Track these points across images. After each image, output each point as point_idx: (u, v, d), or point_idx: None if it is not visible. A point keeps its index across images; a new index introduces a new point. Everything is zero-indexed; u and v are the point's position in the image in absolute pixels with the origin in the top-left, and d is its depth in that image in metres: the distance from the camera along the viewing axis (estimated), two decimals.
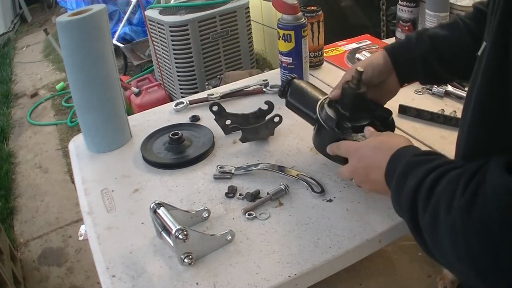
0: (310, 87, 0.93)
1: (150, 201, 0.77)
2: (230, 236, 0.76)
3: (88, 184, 0.96)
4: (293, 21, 1.12)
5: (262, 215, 0.81)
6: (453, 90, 1.12)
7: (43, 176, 2.69)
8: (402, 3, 1.41)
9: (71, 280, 1.93)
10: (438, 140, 0.97)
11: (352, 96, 0.82)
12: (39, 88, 3.84)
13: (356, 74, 0.80)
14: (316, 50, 1.30)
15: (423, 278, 1.51)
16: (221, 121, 1.04)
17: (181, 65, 2.61)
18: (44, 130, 3.21)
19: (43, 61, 4.44)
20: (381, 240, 0.77)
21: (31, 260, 2.07)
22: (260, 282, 0.69)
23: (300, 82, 0.94)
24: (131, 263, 0.75)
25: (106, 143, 1.05)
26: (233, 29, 2.66)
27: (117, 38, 3.70)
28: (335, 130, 0.81)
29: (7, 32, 5.22)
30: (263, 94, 1.23)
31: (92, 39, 0.96)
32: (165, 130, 1.08)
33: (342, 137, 0.80)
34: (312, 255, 0.73)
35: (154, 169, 0.98)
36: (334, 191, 0.86)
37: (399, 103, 1.08)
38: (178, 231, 0.70)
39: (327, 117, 0.83)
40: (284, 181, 0.88)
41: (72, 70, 0.99)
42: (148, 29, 2.76)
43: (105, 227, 0.83)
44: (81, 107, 1.03)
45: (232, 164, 0.95)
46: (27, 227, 2.29)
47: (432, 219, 0.52)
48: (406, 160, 0.61)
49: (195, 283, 0.70)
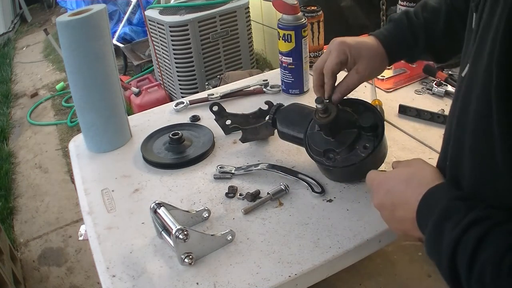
0: (295, 113, 0.93)
1: (150, 201, 0.77)
2: (230, 236, 0.76)
3: (88, 184, 0.96)
4: (293, 21, 1.12)
5: (262, 215, 0.81)
6: (453, 90, 1.12)
7: (43, 176, 2.69)
8: (402, 3, 1.41)
9: (71, 280, 1.93)
10: (438, 140, 0.96)
11: (325, 125, 0.81)
12: (39, 88, 3.84)
13: (319, 105, 0.79)
14: (316, 50, 1.30)
15: (423, 278, 1.51)
16: (221, 121, 1.04)
17: (181, 65, 2.61)
18: (44, 130, 3.21)
19: (43, 61, 4.44)
20: (381, 240, 0.77)
21: (31, 260, 2.07)
22: (260, 282, 0.69)
23: (286, 110, 0.95)
24: (131, 263, 0.75)
25: (106, 143, 1.05)
26: (233, 29, 2.66)
27: (117, 38, 3.70)
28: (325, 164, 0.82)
29: (7, 32, 5.22)
30: (263, 94, 1.23)
31: (92, 39, 0.96)
32: (165, 130, 1.08)
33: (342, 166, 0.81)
34: (312, 255, 0.73)
35: (154, 169, 0.98)
36: (334, 191, 0.86)
37: (399, 103, 1.08)
38: (178, 231, 0.70)
39: (316, 152, 0.84)
40: (284, 181, 0.88)
41: (72, 70, 0.99)
42: (148, 29, 2.76)
43: (105, 227, 0.83)
44: (81, 107, 1.03)
45: (232, 164, 0.95)
46: (27, 227, 2.29)
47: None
48: (444, 204, 0.55)
49: (195, 283, 0.70)
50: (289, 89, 1.20)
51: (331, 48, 0.83)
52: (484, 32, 0.50)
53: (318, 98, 0.78)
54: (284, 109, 0.95)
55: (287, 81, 1.19)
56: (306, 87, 1.20)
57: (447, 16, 0.83)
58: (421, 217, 0.59)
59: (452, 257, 0.51)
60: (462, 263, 0.50)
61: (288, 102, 0.98)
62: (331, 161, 0.82)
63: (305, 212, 0.81)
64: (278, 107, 0.95)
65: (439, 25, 0.84)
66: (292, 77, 1.17)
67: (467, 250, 0.50)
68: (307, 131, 0.87)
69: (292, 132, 0.91)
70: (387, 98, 1.14)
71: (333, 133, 0.82)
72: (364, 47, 0.83)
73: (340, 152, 0.81)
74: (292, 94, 1.20)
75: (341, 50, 0.82)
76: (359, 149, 0.80)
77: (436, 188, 0.59)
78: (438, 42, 0.85)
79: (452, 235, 0.52)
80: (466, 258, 0.50)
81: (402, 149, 0.95)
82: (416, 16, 0.85)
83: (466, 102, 0.54)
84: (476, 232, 0.50)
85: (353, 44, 0.83)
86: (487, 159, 0.51)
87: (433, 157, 0.92)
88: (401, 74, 1.24)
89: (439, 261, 0.55)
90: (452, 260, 0.51)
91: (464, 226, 0.51)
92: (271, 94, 1.22)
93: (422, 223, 0.59)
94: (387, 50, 0.85)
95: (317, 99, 0.78)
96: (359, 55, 0.83)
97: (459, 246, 0.51)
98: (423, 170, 0.65)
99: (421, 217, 0.59)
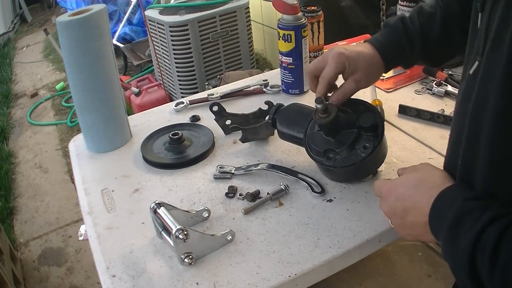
0: (295, 113, 0.93)
1: (150, 201, 0.77)
2: (230, 236, 0.76)
3: (88, 184, 0.96)
4: (293, 21, 1.12)
5: (262, 215, 0.81)
6: (453, 90, 1.12)
7: (43, 176, 2.69)
8: (402, 3, 1.41)
9: (71, 280, 1.93)
10: (438, 140, 0.97)
11: (325, 125, 0.81)
12: (39, 88, 3.84)
13: (319, 106, 0.79)
14: (316, 50, 1.30)
15: (423, 278, 1.52)
16: (221, 121, 1.04)
17: (181, 65, 2.61)
18: (44, 130, 3.21)
19: (43, 61, 4.44)
20: (381, 240, 0.77)
21: (31, 260, 2.07)
22: (260, 282, 0.69)
23: (286, 110, 0.95)
24: (131, 263, 0.75)
25: (106, 143, 1.05)
26: (233, 29, 2.66)
27: (117, 38, 3.70)
28: (325, 164, 0.82)
29: (7, 32, 5.22)
30: (263, 94, 1.23)
31: (92, 39, 0.96)
32: (165, 130, 1.08)
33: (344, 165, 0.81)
34: (312, 255, 0.73)
35: (154, 169, 0.98)
36: (334, 191, 0.86)
37: (399, 103, 1.08)
38: (178, 231, 0.70)
39: (316, 152, 0.84)
40: (284, 181, 0.88)
41: (72, 70, 1.00)
42: (148, 29, 2.76)
43: (105, 227, 0.83)
44: (81, 107, 1.03)
45: (232, 164, 0.95)
46: (27, 227, 2.29)
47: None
48: (457, 205, 0.55)
49: (195, 283, 0.70)
50: (289, 89, 1.20)
51: (330, 57, 0.84)
52: (501, 28, 0.50)
53: (318, 98, 0.78)
54: (284, 109, 0.95)
55: (287, 81, 1.19)
56: (306, 87, 1.20)
57: (442, 20, 0.84)
58: (434, 220, 0.58)
59: (472, 256, 0.51)
60: (483, 259, 0.50)
61: (288, 102, 0.98)
62: (331, 161, 0.82)
63: (305, 212, 0.81)
64: (278, 107, 0.95)
65: (435, 30, 0.85)
66: (292, 77, 1.17)
67: (488, 246, 0.50)
68: (307, 131, 0.87)
69: (292, 132, 0.91)
70: (387, 98, 1.14)
71: (333, 133, 0.82)
72: (362, 59, 0.84)
73: (340, 152, 0.81)
74: (292, 94, 1.20)
75: (340, 61, 0.83)
76: (359, 149, 0.80)
77: (448, 189, 0.59)
78: (434, 47, 0.86)
79: (470, 234, 0.51)
80: (488, 255, 0.49)
81: (402, 149, 0.95)
82: (412, 22, 0.86)
83: (481, 99, 0.54)
84: (496, 229, 0.50)
85: (352, 56, 0.84)
86: (507, 155, 0.51)
87: (433, 157, 0.92)
88: (401, 74, 1.24)
89: (456, 261, 0.55)
90: (471, 258, 0.51)
91: (483, 224, 0.51)
92: (271, 94, 1.22)
93: (435, 226, 0.58)
94: (383, 57, 0.86)
95: (317, 99, 0.78)
96: (356, 66, 0.84)
97: (479, 244, 0.51)
98: (431, 174, 0.65)
99: (434, 220, 0.58)
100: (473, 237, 0.51)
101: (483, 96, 0.54)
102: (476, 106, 0.56)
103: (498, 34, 0.51)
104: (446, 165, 0.68)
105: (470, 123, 0.58)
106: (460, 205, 0.55)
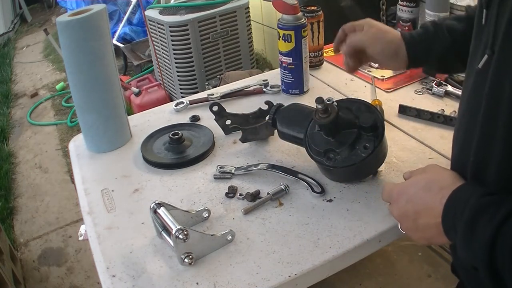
0: (295, 113, 0.93)
1: (150, 201, 0.77)
2: (230, 236, 0.76)
3: (88, 184, 0.96)
4: (293, 21, 1.12)
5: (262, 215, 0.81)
6: (453, 90, 1.12)
7: (43, 176, 2.69)
8: (402, 3, 1.41)
9: (71, 280, 1.93)
10: (439, 140, 0.97)
11: (325, 125, 0.81)
12: (39, 88, 3.84)
13: (319, 106, 0.78)
14: (316, 50, 1.30)
15: (423, 278, 1.51)
16: (221, 121, 1.04)
17: (181, 65, 2.61)
18: (44, 130, 3.21)
19: (43, 61, 4.44)
20: (381, 240, 0.77)
21: (31, 260, 2.07)
22: (260, 282, 0.69)
23: (286, 110, 0.95)
24: (131, 263, 0.75)
25: (106, 143, 1.05)
26: (233, 29, 2.66)
27: (117, 38, 3.70)
28: (326, 164, 0.82)
29: (7, 32, 5.22)
30: (263, 94, 1.23)
31: (92, 39, 0.96)
32: (165, 130, 1.08)
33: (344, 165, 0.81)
34: (312, 255, 0.73)
35: (154, 169, 0.98)
36: (334, 191, 0.86)
37: (399, 103, 1.08)
38: (178, 231, 0.70)
39: (316, 153, 0.84)
40: (284, 181, 0.88)
41: (72, 70, 1.00)
42: (148, 29, 2.76)
43: (105, 227, 0.83)
44: (81, 107, 1.03)
45: (232, 164, 0.95)
46: (27, 227, 2.29)
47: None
48: (473, 202, 0.55)
49: (195, 283, 0.70)
50: (289, 89, 1.20)
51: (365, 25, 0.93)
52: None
53: (318, 98, 0.78)
54: (284, 109, 0.95)
55: (287, 81, 1.19)
56: (306, 87, 1.20)
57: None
58: (447, 220, 0.58)
59: (491, 250, 0.51)
60: (503, 253, 0.50)
61: (288, 102, 0.98)
62: (331, 161, 0.82)
63: (305, 212, 0.81)
64: (278, 107, 0.95)
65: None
66: (292, 77, 1.17)
67: (508, 240, 0.49)
68: (307, 131, 0.87)
69: (292, 132, 0.91)
70: (387, 98, 1.14)
71: (333, 133, 0.82)
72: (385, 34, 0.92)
73: (340, 152, 0.81)
74: (292, 94, 1.20)
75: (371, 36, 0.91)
76: (359, 149, 0.80)
77: (459, 189, 0.59)
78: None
79: (489, 229, 0.51)
80: (508, 248, 0.49)
81: (402, 149, 0.95)
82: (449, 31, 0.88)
83: (496, 93, 0.54)
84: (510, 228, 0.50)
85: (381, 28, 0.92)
86: None
87: (433, 157, 0.92)
88: (401, 74, 1.24)
89: (475, 257, 0.54)
90: (491, 253, 0.51)
91: (501, 218, 0.51)
92: (271, 94, 1.22)
93: (448, 226, 0.58)
94: (405, 40, 0.90)
95: (317, 99, 0.78)
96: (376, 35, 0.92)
97: (499, 238, 0.50)
98: (441, 174, 0.64)
99: (447, 220, 0.58)
100: (492, 232, 0.51)
101: (498, 88, 0.53)
102: (490, 100, 0.55)
103: (510, 28, 0.51)
104: (454, 164, 0.67)
105: (484, 118, 0.57)
106: (475, 202, 0.55)
